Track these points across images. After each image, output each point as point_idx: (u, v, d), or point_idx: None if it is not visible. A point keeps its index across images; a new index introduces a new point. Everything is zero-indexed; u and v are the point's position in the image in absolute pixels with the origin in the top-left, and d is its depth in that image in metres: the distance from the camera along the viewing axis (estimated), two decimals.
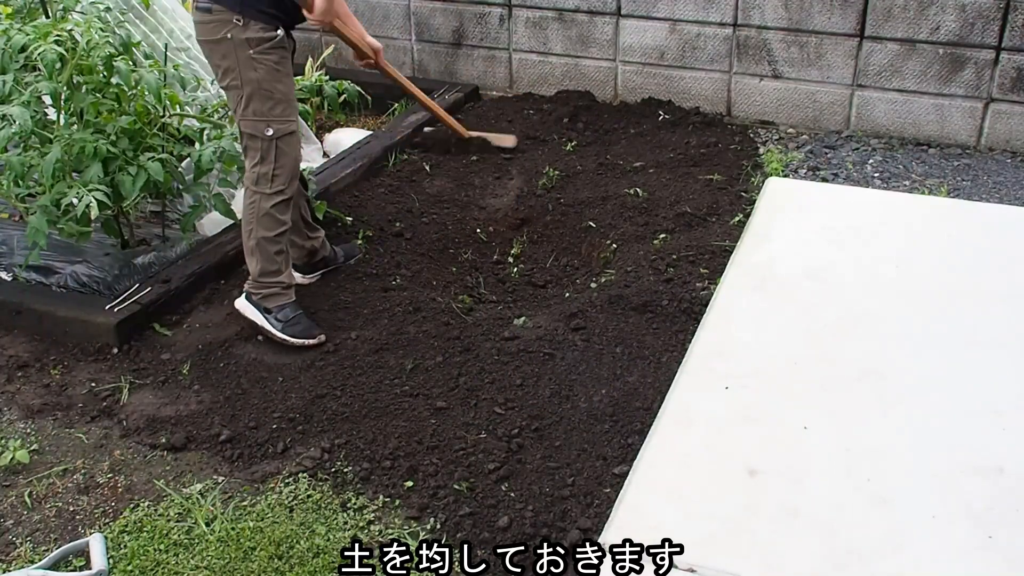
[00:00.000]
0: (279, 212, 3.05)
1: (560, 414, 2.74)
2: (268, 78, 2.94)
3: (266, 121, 2.96)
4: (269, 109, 2.96)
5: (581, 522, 2.37)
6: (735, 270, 2.17)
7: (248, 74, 2.92)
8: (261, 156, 3.00)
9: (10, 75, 3.15)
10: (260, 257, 3.08)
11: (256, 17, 2.89)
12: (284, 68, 2.99)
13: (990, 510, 1.51)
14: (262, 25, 2.90)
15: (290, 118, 3.02)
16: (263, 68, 2.93)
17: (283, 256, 3.12)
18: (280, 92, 2.98)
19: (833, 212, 2.39)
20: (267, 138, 2.97)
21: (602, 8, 4.73)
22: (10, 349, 3.15)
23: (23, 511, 2.54)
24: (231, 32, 2.88)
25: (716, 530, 1.49)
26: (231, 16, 2.87)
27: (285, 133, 3.00)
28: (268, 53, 2.93)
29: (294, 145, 3.06)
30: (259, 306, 3.11)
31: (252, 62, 2.91)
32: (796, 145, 4.45)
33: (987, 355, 1.86)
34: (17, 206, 3.44)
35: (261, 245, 3.06)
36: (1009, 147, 4.31)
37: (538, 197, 3.99)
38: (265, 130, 2.96)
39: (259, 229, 3.05)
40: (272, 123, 2.97)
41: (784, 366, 1.85)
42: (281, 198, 3.04)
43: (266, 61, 2.93)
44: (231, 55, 2.91)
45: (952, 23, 4.18)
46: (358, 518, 2.45)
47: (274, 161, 3.00)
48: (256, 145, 2.99)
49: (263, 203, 3.03)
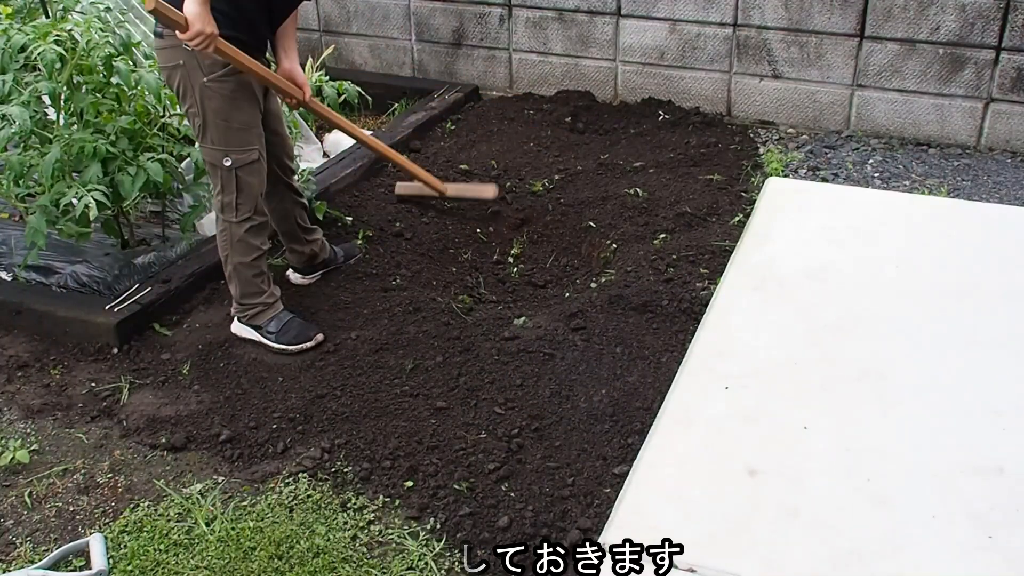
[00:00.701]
0: (252, 237, 2.99)
1: (560, 414, 2.74)
2: (224, 106, 2.83)
3: (223, 151, 2.87)
4: (226, 138, 2.86)
5: (581, 522, 2.37)
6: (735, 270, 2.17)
7: (204, 102, 2.82)
8: (222, 186, 2.93)
9: (10, 75, 3.15)
10: (238, 282, 3.05)
11: None
12: (242, 95, 2.86)
13: (990, 510, 1.51)
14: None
15: (250, 146, 2.91)
16: (218, 96, 2.82)
17: (262, 277, 3.07)
18: (239, 120, 2.87)
19: (833, 212, 2.39)
20: (225, 168, 2.89)
21: (602, 8, 4.73)
22: (10, 349, 3.15)
23: (23, 511, 2.54)
24: (183, 58, 2.77)
25: (716, 530, 1.49)
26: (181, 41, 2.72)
27: (245, 163, 2.90)
28: (223, 80, 2.81)
29: (256, 172, 2.95)
30: (250, 325, 3.09)
31: (207, 89, 2.80)
32: (796, 145, 4.44)
33: (987, 355, 1.86)
34: (17, 206, 3.44)
35: (238, 270, 3.02)
36: (1009, 147, 4.31)
37: (538, 197, 3.99)
38: (223, 160, 2.88)
39: (234, 255, 3.01)
40: (230, 153, 2.87)
41: (784, 366, 1.85)
42: (251, 224, 2.97)
43: (221, 90, 2.81)
44: (185, 81, 2.81)
45: (952, 23, 4.18)
46: (358, 518, 2.45)
47: (236, 191, 2.92)
48: (216, 174, 2.92)
49: (234, 230, 2.97)
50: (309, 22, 5.34)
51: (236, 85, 2.84)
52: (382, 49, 5.27)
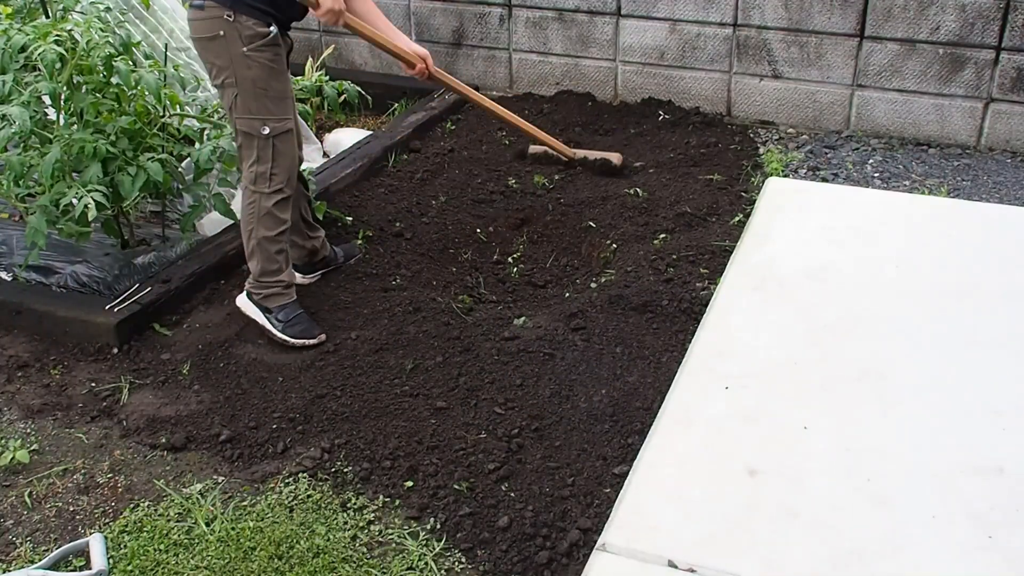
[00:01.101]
0: (279, 211, 3.03)
1: (560, 414, 2.74)
2: (263, 75, 2.90)
3: (262, 119, 2.93)
4: (265, 107, 2.92)
5: (581, 522, 2.37)
6: (735, 270, 2.17)
7: (242, 72, 2.88)
8: (258, 155, 2.96)
9: (10, 75, 3.15)
10: (261, 257, 3.06)
11: (249, 13, 2.85)
12: (279, 65, 2.95)
13: (990, 510, 1.51)
14: (255, 21, 2.86)
15: (286, 115, 2.98)
16: (257, 65, 2.88)
17: (283, 255, 3.09)
18: (275, 90, 2.94)
19: (833, 212, 2.40)
20: (263, 136, 2.93)
21: (602, 8, 4.73)
22: (10, 349, 3.15)
23: (23, 511, 2.54)
24: (223, 28, 2.84)
25: (716, 530, 1.49)
26: (223, 12, 2.83)
27: (282, 131, 2.96)
28: (262, 50, 2.88)
29: (291, 143, 3.02)
30: (260, 305, 3.10)
31: (246, 59, 2.87)
32: (796, 145, 4.45)
33: (987, 355, 1.86)
34: (17, 206, 3.44)
35: (262, 245, 3.04)
36: (1009, 147, 4.31)
37: (538, 197, 3.99)
38: (261, 128, 2.93)
39: (260, 228, 3.02)
40: (268, 121, 2.93)
41: (784, 366, 1.85)
42: (281, 196, 3.01)
43: (260, 59, 2.88)
44: (224, 52, 2.87)
45: (952, 23, 4.18)
46: (358, 518, 2.45)
47: (271, 160, 2.96)
48: (252, 144, 2.96)
49: (263, 202, 3.00)
50: (309, 22, 5.33)
51: (273, 55, 2.91)
52: None
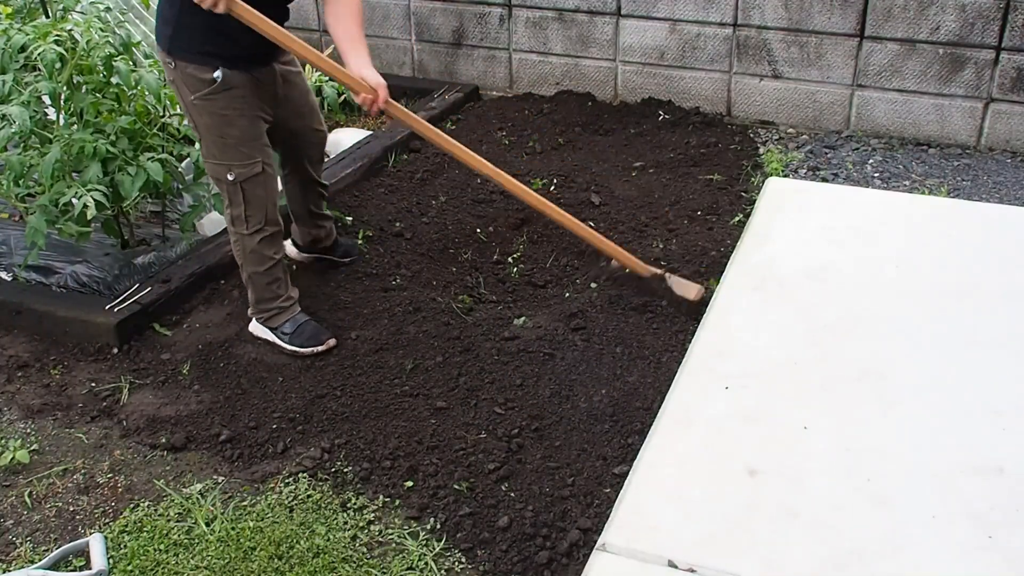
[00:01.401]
0: (264, 248, 2.94)
1: (560, 414, 2.74)
2: (216, 123, 2.74)
3: (226, 165, 2.81)
4: (226, 153, 2.79)
5: (581, 522, 2.37)
6: (735, 270, 2.17)
7: (197, 119, 2.76)
8: (229, 199, 2.88)
9: (10, 75, 3.15)
10: (255, 289, 3.03)
11: (189, 58, 2.68)
12: (234, 111, 2.74)
13: (990, 510, 1.51)
14: (195, 67, 2.68)
15: (251, 159, 2.82)
16: (207, 114, 2.73)
17: (278, 283, 3.03)
18: (234, 136, 2.77)
19: (833, 212, 2.40)
20: (230, 182, 2.83)
21: (602, 8, 4.73)
22: (10, 349, 3.15)
23: (23, 511, 2.54)
24: (171, 75, 2.72)
25: (716, 530, 1.49)
26: (164, 57, 2.69)
27: (248, 176, 2.83)
28: (210, 99, 2.70)
29: (261, 184, 2.86)
30: (267, 326, 3.07)
31: (195, 107, 2.73)
32: (796, 145, 4.45)
33: (987, 355, 1.86)
34: (17, 206, 3.44)
35: (254, 279, 3.01)
36: (1009, 147, 4.30)
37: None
38: (227, 174, 2.82)
39: (248, 265, 2.98)
40: (233, 167, 2.80)
41: (784, 366, 1.85)
42: (262, 235, 2.92)
43: (209, 107, 2.71)
44: (179, 97, 2.76)
45: (952, 23, 4.18)
46: (358, 518, 2.45)
47: (243, 204, 2.86)
48: (223, 188, 2.88)
49: (246, 242, 2.93)
50: (309, 22, 5.34)
51: (225, 102, 2.73)
52: (382, 49, 5.27)
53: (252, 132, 2.81)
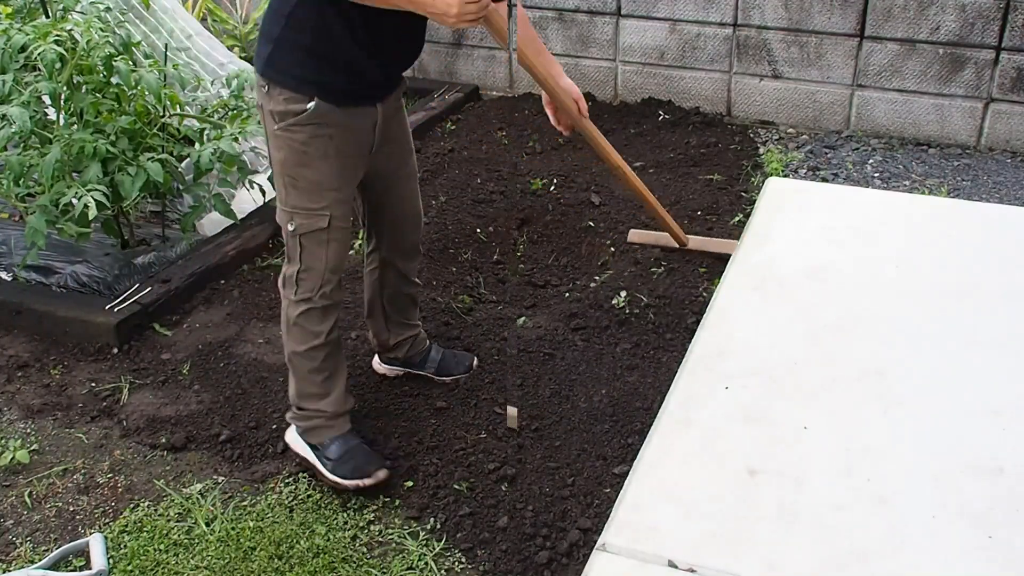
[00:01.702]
0: (308, 323, 2.45)
1: (560, 414, 2.74)
2: (291, 161, 2.31)
3: (289, 212, 2.37)
4: (291, 198, 2.35)
5: (581, 522, 2.37)
6: (735, 270, 2.17)
7: (273, 152, 2.35)
8: (287, 253, 2.44)
9: (10, 75, 3.15)
10: (295, 374, 2.53)
11: (281, 82, 2.26)
12: (316, 150, 2.29)
13: (990, 510, 1.51)
14: (289, 94, 2.25)
15: (319, 212, 2.34)
16: (286, 148, 2.30)
17: (324, 377, 2.51)
18: (306, 180, 2.32)
19: (833, 212, 2.40)
20: (289, 233, 2.39)
21: (602, 8, 4.73)
22: (10, 349, 3.15)
23: (23, 511, 2.54)
24: (261, 99, 2.32)
25: (716, 530, 1.49)
26: (258, 81, 2.31)
27: (310, 230, 2.36)
28: (293, 130, 2.27)
29: (327, 245, 2.38)
30: (307, 441, 2.56)
31: (276, 139, 2.31)
32: (796, 145, 4.45)
33: (987, 355, 1.86)
34: (17, 206, 3.44)
35: (293, 361, 2.51)
36: (1009, 147, 4.30)
37: (538, 197, 3.99)
38: (288, 223, 2.38)
39: (289, 340, 2.50)
40: (295, 216, 2.35)
41: (784, 366, 1.85)
42: (307, 307, 2.43)
43: (290, 140, 2.29)
44: (264, 125, 2.37)
45: (952, 23, 4.18)
46: (358, 518, 2.45)
47: (299, 261, 2.40)
48: (284, 238, 2.43)
49: (289, 310, 2.46)
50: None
51: (308, 137, 2.28)
52: None
53: (329, 179, 2.34)
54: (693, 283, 3.27)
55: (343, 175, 2.36)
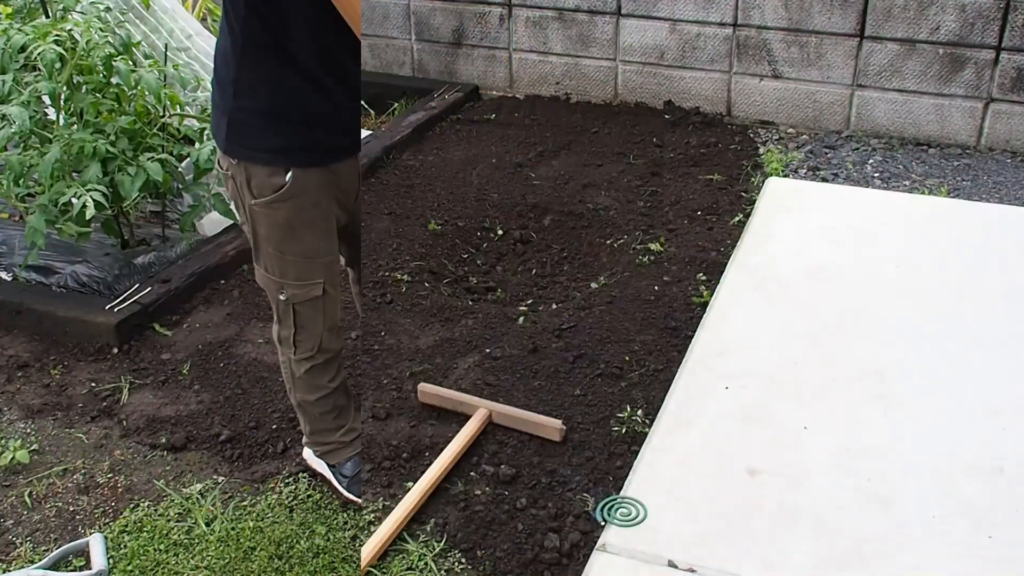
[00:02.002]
0: (314, 377, 2.39)
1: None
2: (276, 236, 2.15)
3: (278, 283, 2.23)
4: (280, 270, 2.21)
5: (581, 522, 2.37)
6: (735, 270, 2.17)
7: (253, 225, 2.17)
8: (279, 318, 2.32)
9: (10, 75, 3.15)
10: (306, 418, 2.51)
11: (250, 157, 2.06)
12: (302, 222, 2.13)
13: (990, 510, 1.51)
14: (262, 168, 2.06)
15: (311, 280, 2.21)
16: (266, 224, 2.14)
17: (336, 414, 2.48)
18: (294, 252, 2.17)
19: (833, 212, 2.40)
20: (281, 301, 2.27)
21: (602, 8, 4.73)
22: (10, 349, 3.15)
23: (23, 511, 2.54)
24: (231, 170, 2.11)
25: (716, 530, 1.49)
26: (224, 160, 2.12)
27: (305, 299, 2.24)
28: (275, 207, 2.09)
29: (323, 309, 2.28)
30: (324, 460, 2.56)
31: (254, 213, 2.14)
32: (796, 145, 4.45)
33: (987, 355, 1.87)
34: (17, 206, 3.45)
35: (304, 408, 2.48)
36: (1009, 147, 4.31)
37: (538, 197, 3.99)
38: (278, 293, 2.25)
39: (297, 391, 2.45)
40: (286, 286, 2.22)
41: (784, 366, 1.85)
42: (312, 363, 2.36)
43: (271, 215, 2.12)
44: (236, 197, 2.17)
45: (952, 23, 4.18)
46: (358, 518, 2.45)
47: (293, 327, 2.30)
48: (273, 302, 2.31)
49: (294, 367, 2.39)
50: None
51: (291, 212, 2.11)
52: (382, 48, 5.27)
53: (318, 247, 2.19)
54: (693, 283, 3.27)
55: (329, 239, 2.22)
